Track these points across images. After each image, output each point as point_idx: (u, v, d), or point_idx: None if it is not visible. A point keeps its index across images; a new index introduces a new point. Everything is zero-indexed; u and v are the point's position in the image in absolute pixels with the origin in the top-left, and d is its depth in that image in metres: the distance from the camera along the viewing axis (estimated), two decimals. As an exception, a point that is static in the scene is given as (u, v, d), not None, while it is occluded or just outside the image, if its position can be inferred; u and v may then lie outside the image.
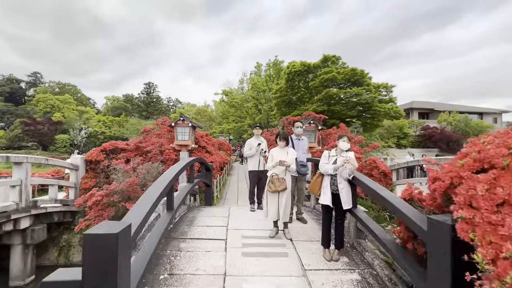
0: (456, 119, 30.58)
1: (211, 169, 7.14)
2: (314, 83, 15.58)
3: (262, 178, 4.49)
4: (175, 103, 63.02)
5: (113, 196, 6.09)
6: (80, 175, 7.45)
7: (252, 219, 4.19)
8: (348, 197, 2.89)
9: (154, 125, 9.15)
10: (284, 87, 17.86)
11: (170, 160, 8.11)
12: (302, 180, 4.43)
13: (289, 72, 16.37)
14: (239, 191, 11.12)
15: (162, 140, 8.29)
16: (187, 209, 4.84)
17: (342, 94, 14.17)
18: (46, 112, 39.05)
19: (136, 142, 8.32)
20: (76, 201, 6.42)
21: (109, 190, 6.14)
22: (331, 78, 14.25)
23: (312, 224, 4.10)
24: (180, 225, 3.83)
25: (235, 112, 34.01)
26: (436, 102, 40.67)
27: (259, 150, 4.64)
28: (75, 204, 6.53)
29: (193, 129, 8.72)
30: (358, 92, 13.79)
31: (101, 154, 7.69)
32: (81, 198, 6.41)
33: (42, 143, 32.25)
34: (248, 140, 5.00)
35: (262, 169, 4.57)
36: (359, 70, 14.39)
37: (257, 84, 30.91)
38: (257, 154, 4.66)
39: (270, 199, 3.42)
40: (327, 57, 15.65)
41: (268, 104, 29.99)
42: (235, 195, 10.24)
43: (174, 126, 8.26)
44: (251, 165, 4.72)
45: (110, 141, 8.33)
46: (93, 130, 33.92)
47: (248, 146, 4.79)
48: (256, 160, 4.66)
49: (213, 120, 45.00)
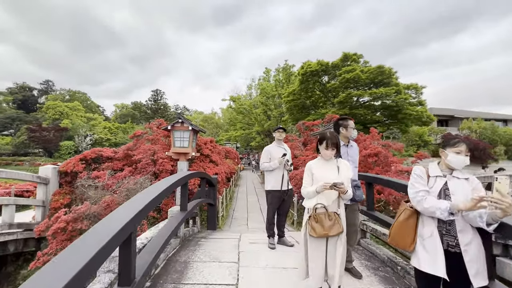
0: (481, 126, 28.27)
1: (215, 184, 5.48)
2: (333, 84, 13.85)
3: (286, 201, 3.35)
4: (182, 110, 62.77)
5: (82, 222, 4.48)
6: (51, 190, 5.90)
7: (274, 266, 2.65)
8: (480, 262, 1.42)
9: (147, 128, 7.59)
10: (297, 89, 16.23)
11: (165, 172, 6.50)
12: (354, 210, 2.66)
13: (303, 73, 14.75)
14: (249, 207, 9.33)
15: (156, 147, 6.69)
16: (179, 244, 3.25)
17: (367, 95, 12.35)
18: (55, 119, 39.04)
19: (125, 149, 6.76)
20: (37, 227, 4.84)
21: (77, 213, 4.55)
22: (353, 77, 12.49)
23: (371, 279, 2.38)
24: (162, 282, 2.16)
25: (243, 118, 32.85)
26: (455, 109, 38.11)
27: (284, 162, 3.24)
28: (34, 231, 4.93)
29: (194, 134, 7.12)
30: (387, 92, 11.92)
31: (79, 164, 6.17)
32: (43, 223, 4.85)
33: (47, 150, 31.81)
34: (266, 148, 3.44)
35: (286, 188, 3.29)
36: (386, 68, 12.57)
37: (266, 89, 29.66)
38: (280, 168, 3.28)
39: (313, 248, 1.93)
40: (347, 55, 13.98)
41: (278, 110, 28.64)
42: (244, 213, 8.50)
43: (171, 129, 6.70)
44: (270, 183, 3.33)
45: (93, 148, 6.80)
46: (98, 137, 33.27)
47: (266, 155, 3.38)
48: (278, 176, 3.29)
49: (220, 128, 44.05)
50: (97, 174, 5.85)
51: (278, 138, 3.42)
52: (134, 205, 1.70)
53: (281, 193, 3.25)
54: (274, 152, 3.32)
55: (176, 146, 6.68)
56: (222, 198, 7.66)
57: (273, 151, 3.34)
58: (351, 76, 12.45)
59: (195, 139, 7.27)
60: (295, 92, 16.52)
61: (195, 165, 7.56)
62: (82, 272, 0.93)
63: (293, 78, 28.33)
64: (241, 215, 8.28)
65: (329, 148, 1.94)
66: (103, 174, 5.94)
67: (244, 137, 34.75)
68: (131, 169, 6.58)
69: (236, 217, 7.99)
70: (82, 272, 0.93)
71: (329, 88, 13.87)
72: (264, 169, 3.37)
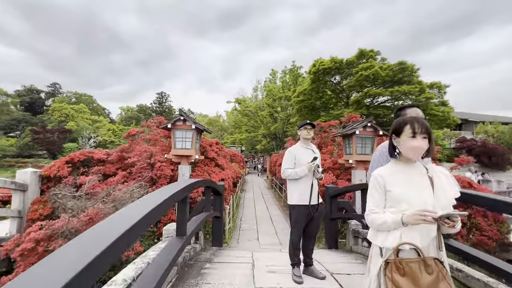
0: (499, 130, 26.78)
1: (221, 193, 4.52)
2: (349, 82, 12.80)
3: (315, 219, 2.54)
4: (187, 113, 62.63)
5: (56, 241, 3.55)
6: (30, 199, 5.00)
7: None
8: None
9: (144, 127, 6.65)
10: (308, 89, 15.24)
11: (163, 178, 5.56)
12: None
13: (315, 71, 13.77)
14: (257, 215, 8.36)
15: (153, 149, 5.75)
16: (177, 273, 2.46)
17: (387, 93, 11.24)
18: (61, 121, 39.08)
19: (118, 151, 5.85)
20: (4, 245, 3.93)
21: (51, 229, 3.63)
22: (371, 75, 11.44)
23: None
24: None
25: (248, 121, 32.17)
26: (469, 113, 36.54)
27: (313, 168, 2.49)
28: (1, 249, 4.01)
29: (198, 134, 6.17)
30: (410, 91, 10.79)
31: (65, 168, 5.29)
32: (13, 239, 3.95)
33: (51, 152, 31.54)
34: (290, 149, 2.65)
35: (316, 202, 2.52)
36: (409, 65, 11.44)
37: (273, 91, 28.92)
38: (309, 176, 2.51)
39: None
40: (363, 52, 12.94)
41: (285, 112, 27.83)
42: (253, 223, 7.54)
43: (171, 128, 5.78)
44: (295, 195, 2.54)
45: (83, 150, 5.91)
46: (102, 139, 32.88)
47: (289, 159, 2.60)
48: (306, 187, 2.51)
49: (225, 130, 43.48)
50: (83, 179, 4.95)
51: (305, 137, 2.61)
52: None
53: (309, 209, 2.46)
54: (301, 155, 2.54)
55: (177, 148, 5.74)
56: (229, 208, 6.67)
57: (299, 154, 2.56)
58: (369, 74, 11.40)
59: (199, 140, 6.32)
60: (305, 92, 15.54)
61: (199, 170, 6.60)
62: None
63: (300, 80, 27.53)
64: (249, 226, 7.32)
65: (419, 135, 1.11)
66: (91, 180, 5.03)
67: (249, 140, 34.02)
68: (125, 174, 5.67)
69: (245, 229, 7.01)
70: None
71: (340, 88, 12.82)
72: (287, 177, 2.56)
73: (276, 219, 8.09)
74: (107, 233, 0.87)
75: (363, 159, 6.20)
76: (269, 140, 31.19)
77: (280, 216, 8.52)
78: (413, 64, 11.61)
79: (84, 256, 0.69)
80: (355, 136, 6.17)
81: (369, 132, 6.18)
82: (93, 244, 0.78)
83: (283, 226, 7.17)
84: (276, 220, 7.94)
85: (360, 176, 6.41)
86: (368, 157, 6.24)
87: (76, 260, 0.67)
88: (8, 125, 39.32)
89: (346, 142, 6.64)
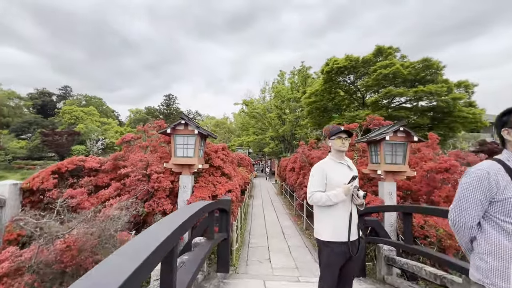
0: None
1: (228, 211, 3.74)
2: (367, 81, 11.79)
3: (355, 261, 1.80)
4: (194, 115, 62.60)
5: (22, 277, 2.83)
6: (8, 216, 4.35)
7: None
8: None
9: (140, 132, 5.92)
10: (320, 90, 14.30)
11: (161, 191, 4.80)
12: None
13: (329, 70, 12.84)
14: (268, 228, 7.61)
15: (150, 158, 5.00)
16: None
17: (411, 93, 10.12)
18: (71, 123, 39.53)
19: (111, 159, 5.15)
20: (-32, 276, 3.28)
21: (17, 261, 2.92)
22: (392, 73, 10.40)
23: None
24: None
25: (256, 123, 31.50)
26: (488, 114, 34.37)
27: (351, 191, 1.79)
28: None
29: (201, 140, 5.40)
30: (437, 90, 9.66)
31: (50, 179, 4.62)
32: (-22, 269, 3.29)
33: (59, 154, 31.75)
34: (318, 165, 1.93)
35: (356, 237, 1.82)
36: (434, 62, 10.32)
37: (281, 92, 28.13)
38: (347, 202, 1.81)
39: None
40: (381, 49, 11.89)
41: (294, 114, 26.95)
42: (263, 239, 6.79)
43: (171, 133, 5.03)
44: (328, 228, 1.82)
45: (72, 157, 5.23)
46: (109, 141, 32.87)
47: (319, 178, 1.87)
48: (343, 216, 1.81)
49: (232, 133, 42.99)
50: (70, 193, 4.26)
51: (339, 149, 1.90)
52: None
53: (347, 247, 1.77)
54: (334, 174, 1.86)
55: (177, 156, 4.99)
56: (236, 223, 5.84)
57: (331, 172, 1.87)
58: (389, 72, 10.37)
59: (202, 147, 5.56)
60: (317, 92, 14.61)
61: (203, 180, 5.83)
62: None
63: (309, 81, 26.61)
64: (259, 241, 6.54)
65: None
66: (79, 193, 4.34)
67: (257, 142, 33.32)
68: (119, 185, 4.95)
69: (254, 245, 6.22)
70: None
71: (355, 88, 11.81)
72: (316, 204, 1.86)
73: (288, 232, 7.32)
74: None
75: (394, 169, 5.26)
76: (277, 142, 30.35)
77: (292, 228, 7.79)
78: (438, 61, 10.47)
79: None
80: (384, 143, 5.24)
81: (401, 137, 5.24)
82: None
83: (296, 241, 6.40)
84: (288, 233, 7.17)
85: (389, 188, 5.47)
86: (399, 167, 5.31)
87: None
88: (20, 128, 40.11)
89: (372, 149, 5.71)
